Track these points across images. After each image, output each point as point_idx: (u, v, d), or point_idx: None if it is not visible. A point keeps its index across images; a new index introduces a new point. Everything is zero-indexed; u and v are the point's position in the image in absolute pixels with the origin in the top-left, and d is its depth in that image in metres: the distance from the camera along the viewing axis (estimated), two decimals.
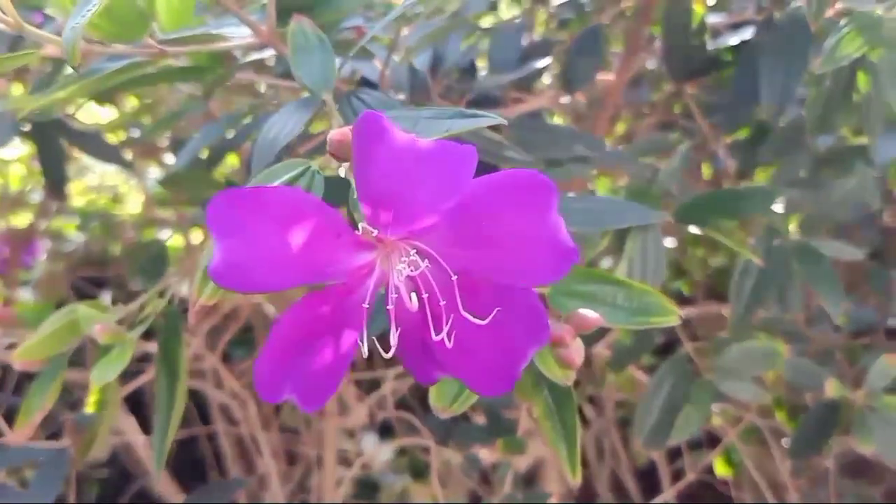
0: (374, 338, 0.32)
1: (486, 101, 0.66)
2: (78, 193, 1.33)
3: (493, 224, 0.30)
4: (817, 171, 0.74)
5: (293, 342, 0.32)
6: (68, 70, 0.55)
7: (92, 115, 1.01)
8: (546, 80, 0.87)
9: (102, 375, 0.47)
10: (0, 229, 1.14)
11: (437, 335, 0.32)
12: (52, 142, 0.68)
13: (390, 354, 0.31)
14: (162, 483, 0.90)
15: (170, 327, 0.55)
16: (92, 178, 1.35)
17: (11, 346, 0.60)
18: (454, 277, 0.31)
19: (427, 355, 0.34)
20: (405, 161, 0.28)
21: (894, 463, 0.66)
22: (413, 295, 0.32)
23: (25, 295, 1.15)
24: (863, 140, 0.77)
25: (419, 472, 1.08)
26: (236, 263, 0.29)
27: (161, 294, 0.57)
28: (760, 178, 0.88)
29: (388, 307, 0.32)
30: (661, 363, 0.72)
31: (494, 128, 0.60)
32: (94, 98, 0.74)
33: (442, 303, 0.32)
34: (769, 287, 0.67)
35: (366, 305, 0.31)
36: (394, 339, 0.31)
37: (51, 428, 0.74)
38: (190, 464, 1.14)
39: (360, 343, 0.31)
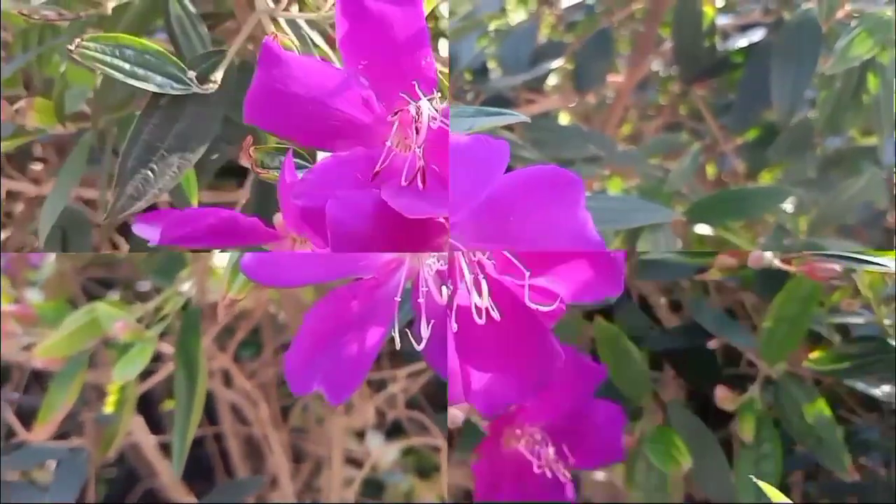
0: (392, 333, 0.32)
1: (499, 102, 0.67)
2: None
3: (520, 219, 0.31)
4: (825, 172, 0.75)
5: (323, 335, 0.32)
6: None
7: None
8: (553, 80, 0.88)
9: (125, 373, 0.47)
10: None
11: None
12: None
13: (422, 346, 0.32)
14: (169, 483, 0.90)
15: (188, 326, 0.55)
16: None
17: (29, 347, 0.60)
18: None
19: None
20: None
21: None
22: (443, 289, 0.32)
23: (33, 295, 1.15)
24: (871, 141, 0.78)
25: (425, 471, 1.08)
26: (267, 257, 0.30)
27: (178, 293, 0.57)
28: (766, 179, 0.88)
29: (418, 301, 0.32)
30: None
31: (508, 127, 0.60)
32: None
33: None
34: None
35: (397, 299, 0.32)
36: (425, 332, 0.32)
37: (62, 427, 0.74)
38: (196, 463, 1.13)
39: (392, 335, 0.32)
